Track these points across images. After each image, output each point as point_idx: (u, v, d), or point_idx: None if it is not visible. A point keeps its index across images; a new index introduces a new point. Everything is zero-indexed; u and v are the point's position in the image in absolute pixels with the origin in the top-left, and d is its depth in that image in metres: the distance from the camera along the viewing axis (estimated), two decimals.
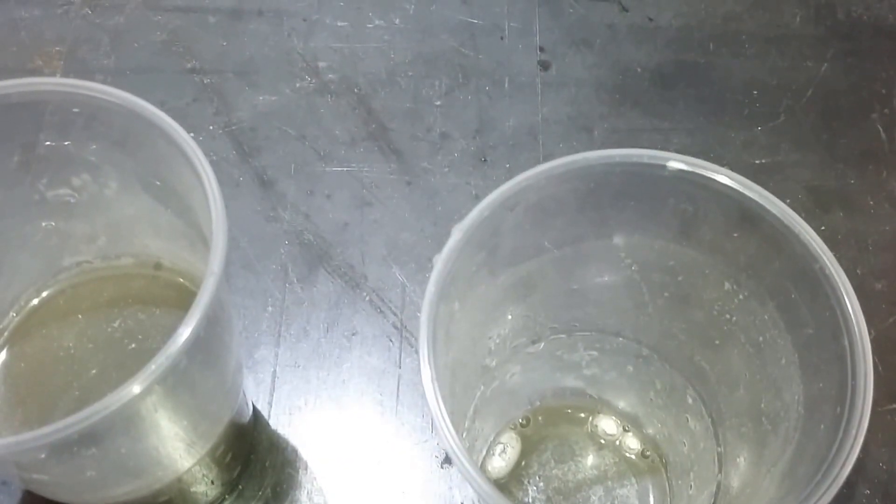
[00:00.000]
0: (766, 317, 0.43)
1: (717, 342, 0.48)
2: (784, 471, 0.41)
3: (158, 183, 0.45)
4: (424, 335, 0.38)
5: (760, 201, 0.41)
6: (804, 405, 0.41)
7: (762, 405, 0.44)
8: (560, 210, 0.44)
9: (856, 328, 0.38)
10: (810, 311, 0.40)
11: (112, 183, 0.47)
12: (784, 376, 0.43)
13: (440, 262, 0.40)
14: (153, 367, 0.36)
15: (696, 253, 0.45)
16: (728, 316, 0.46)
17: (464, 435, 0.48)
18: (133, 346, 0.51)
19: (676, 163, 0.42)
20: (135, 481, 0.46)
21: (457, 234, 0.40)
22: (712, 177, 0.42)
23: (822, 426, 0.38)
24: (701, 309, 0.47)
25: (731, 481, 0.47)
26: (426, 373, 0.37)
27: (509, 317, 0.49)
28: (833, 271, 0.39)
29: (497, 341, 0.50)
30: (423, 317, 0.38)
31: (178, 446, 0.45)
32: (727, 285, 0.45)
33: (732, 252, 0.44)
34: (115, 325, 0.51)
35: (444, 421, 0.37)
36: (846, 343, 0.38)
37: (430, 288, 0.39)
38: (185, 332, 0.37)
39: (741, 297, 0.45)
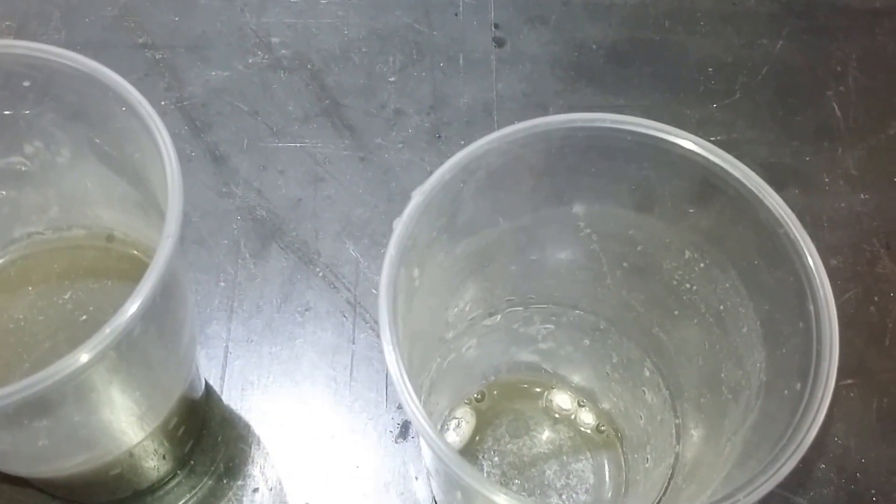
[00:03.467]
0: (727, 285, 0.43)
1: (676, 313, 0.47)
2: (746, 439, 0.40)
3: (114, 153, 0.45)
4: (384, 298, 0.37)
5: (724, 166, 0.40)
6: (766, 373, 0.41)
7: (722, 375, 0.44)
8: (520, 177, 0.44)
9: (821, 292, 0.38)
10: (774, 277, 0.40)
11: (65, 151, 0.47)
12: (746, 345, 0.42)
13: (400, 224, 0.39)
14: (107, 331, 0.35)
15: (657, 221, 0.45)
16: (688, 285, 0.46)
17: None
18: (84, 318, 0.50)
19: (639, 127, 0.41)
20: (86, 453, 0.45)
21: (417, 196, 0.40)
22: (675, 141, 0.41)
23: (786, 392, 0.38)
24: (660, 279, 0.47)
25: (689, 452, 0.47)
26: (386, 336, 0.37)
27: (467, 287, 0.49)
28: (798, 236, 0.39)
29: (455, 312, 0.49)
30: (384, 279, 0.38)
31: (129, 418, 0.45)
32: (688, 254, 0.44)
33: (694, 219, 0.43)
34: (67, 297, 0.51)
35: (405, 383, 0.36)
36: (811, 308, 0.38)
37: (391, 250, 0.39)
38: (139, 298, 0.36)
39: (702, 265, 0.44)
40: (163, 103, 0.68)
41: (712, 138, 0.68)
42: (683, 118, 0.70)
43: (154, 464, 0.52)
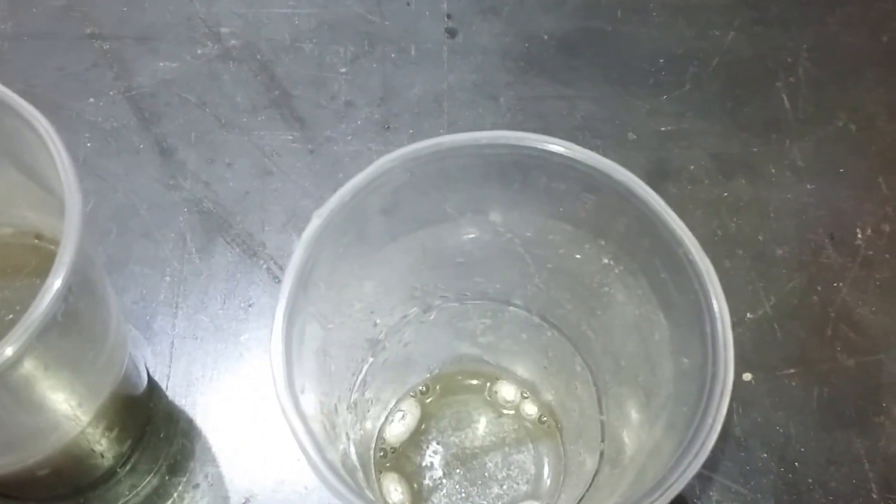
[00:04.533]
0: (640, 292, 0.43)
1: (599, 313, 0.47)
2: (649, 451, 0.41)
3: (24, 160, 0.44)
4: (279, 329, 0.38)
5: (629, 185, 0.40)
6: (673, 384, 0.41)
7: (640, 378, 0.45)
8: (431, 191, 0.44)
9: (718, 315, 0.38)
10: (677, 292, 0.40)
11: None
12: (658, 352, 0.42)
13: (299, 247, 0.39)
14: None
15: (572, 228, 0.45)
16: (607, 289, 0.46)
17: (346, 408, 0.48)
18: (11, 317, 0.49)
19: (542, 143, 0.41)
20: (7, 455, 0.45)
21: (316, 220, 0.40)
22: (577, 158, 0.41)
23: (685, 408, 0.38)
24: (582, 281, 0.47)
25: (611, 451, 0.47)
26: (278, 365, 0.37)
27: (392, 292, 0.49)
28: (696, 257, 0.39)
29: (381, 314, 0.49)
30: (279, 310, 0.38)
31: (50, 419, 0.44)
32: (604, 259, 0.45)
33: (605, 229, 0.43)
34: None
35: (291, 408, 0.37)
36: (708, 329, 0.38)
37: (288, 277, 0.39)
38: (32, 318, 0.35)
39: (617, 271, 0.44)
40: (111, 93, 0.68)
41: (662, 128, 0.68)
42: (633, 109, 0.70)
43: (94, 462, 0.51)
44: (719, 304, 0.38)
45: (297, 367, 0.38)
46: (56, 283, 0.36)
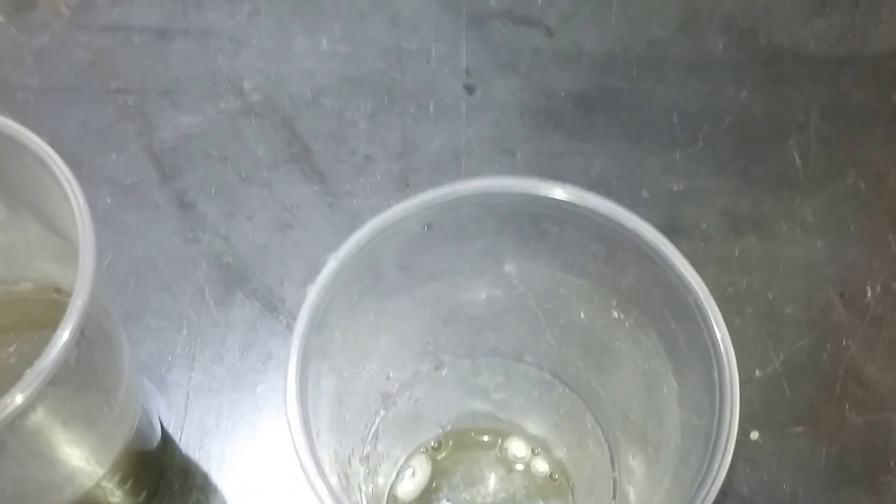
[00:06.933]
0: (650, 345, 0.44)
1: (609, 368, 0.48)
2: (659, 502, 0.41)
3: (43, 209, 0.45)
4: (293, 369, 0.38)
5: (638, 231, 0.41)
6: (680, 435, 0.41)
7: (648, 433, 0.45)
8: (445, 239, 0.44)
9: (725, 363, 0.38)
10: (686, 342, 0.40)
11: (1, 208, 0.47)
12: (665, 405, 0.43)
13: (313, 292, 0.40)
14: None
15: (583, 281, 0.45)
16: (618, 343, 0.46)
17: (358, 461, 0.49)
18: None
19: (552, 192, 0.42)
20: None
21: (332, 262, 0.41)
22: (589, 206, 0.41)
23: (692, 458, 0.38)
24: (593, 336, 0.47)
25: None
26: (293, 409, 0.38)
27: (405, 344, 0.49)
28: (706, 304, 0.39)
29: (395, 367, 0.50)
30: (293, 349, 0.39)
31: (65, 473, 0.45)
32: (615, 313, 0.45)
33: (614, 280, 0.44)
34: (11, 349, 0.51)
35: (308, 457, 0.38)
36: (716, 376, 0.38)
37: (301, 320, 0.39)
38: (43, 364, 0.36)
39: (627, 325, 0.45)
40: (132, 149, 0.69)
41: (674, 187, 0.69)
42: (647, 166, 0.71)
43: None
44: (727, 350, 0.38)
45: (313, 411, 0.39)
46: (68, 327, 0.37)
